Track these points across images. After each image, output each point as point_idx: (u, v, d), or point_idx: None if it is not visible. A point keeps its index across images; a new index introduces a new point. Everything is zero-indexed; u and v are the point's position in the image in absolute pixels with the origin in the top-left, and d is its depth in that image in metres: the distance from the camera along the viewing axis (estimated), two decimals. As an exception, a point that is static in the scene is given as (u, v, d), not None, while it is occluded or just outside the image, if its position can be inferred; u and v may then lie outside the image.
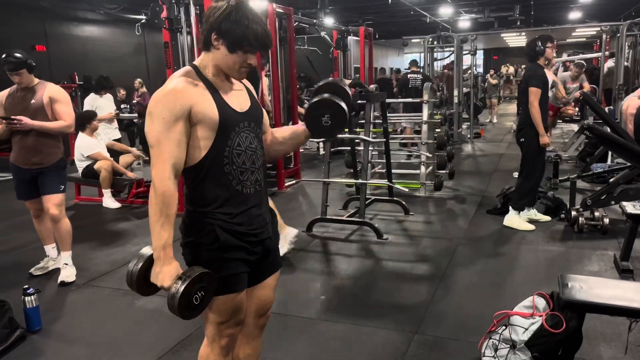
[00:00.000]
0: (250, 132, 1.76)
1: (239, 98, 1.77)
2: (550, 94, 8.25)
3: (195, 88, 1.66)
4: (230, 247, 1.72)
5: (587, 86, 8.88)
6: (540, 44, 4.61)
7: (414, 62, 10.01)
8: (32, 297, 3.04)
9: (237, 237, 1.73)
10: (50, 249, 4.00)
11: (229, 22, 1.63)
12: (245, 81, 1.86)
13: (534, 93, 4.54)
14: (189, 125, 1.64)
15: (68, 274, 3.79)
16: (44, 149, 3.64)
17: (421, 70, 10.27)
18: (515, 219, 4.80)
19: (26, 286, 3.17)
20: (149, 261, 1.68)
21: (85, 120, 6.13)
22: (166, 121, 1.60)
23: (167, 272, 1.63)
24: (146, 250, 1.71)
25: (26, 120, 3.53)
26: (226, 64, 1.69)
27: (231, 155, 1.70)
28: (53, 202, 3.68)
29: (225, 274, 1.72)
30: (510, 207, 4.87)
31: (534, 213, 4.91)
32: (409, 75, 9.76)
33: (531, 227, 4.72)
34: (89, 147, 6.10)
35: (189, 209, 1.74)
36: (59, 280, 3.74)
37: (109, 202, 6.07)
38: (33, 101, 3.58)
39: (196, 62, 1.75)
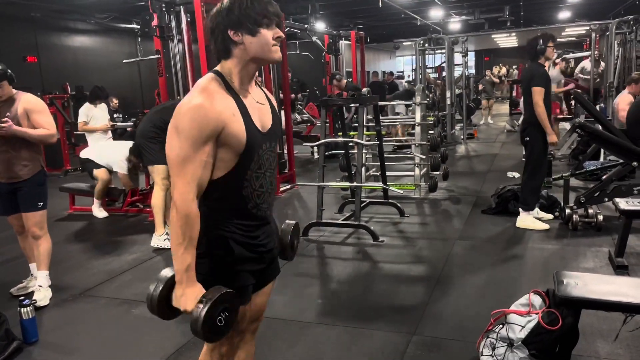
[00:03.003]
0: (271, 152, 1.71)
1: (262, 114, 1.68)
2: None
3: (226, 105, 1.55)
4: (243, 259, 1.68)
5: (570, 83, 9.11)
6: (541, 42, 4.60)
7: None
8: (28, 308, 3.02)
9: (250, 249, 1.70)
10: (34, 268, 3.79)
11: (236, 14, 1.56)
12: (269, 93, 1.81)
13: (538, 92, 4.50)
14: (216, 147, 1.55)
15: (41, 297, 3.58)
16: (21, 161, 3.48)
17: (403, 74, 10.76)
18: (528, 220, 4.73)
19: (22, 297, 3.16)
20: (170, 284, 1.59)
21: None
22: (195, 141, 1.49)
23: (191, 295, 1.54)
24: (165, 273, 1.62)
25: (10, 123, 3.33)
26: (258, 49, 1.58)
27: (251, 179, 1.64)
28: (32, 221, 3.55)
29: (235, 285, 1.67)
30: (520, 209, 4.79)
31: (536, 212, 4.89)
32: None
33: (546, 226, 4.66)
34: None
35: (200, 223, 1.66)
36: (32, 299, 3.53)
37: (97, 211, 6.05)
38: (8, 113, 3.43)
39: (219, 69, 1.63)
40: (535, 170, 4.70)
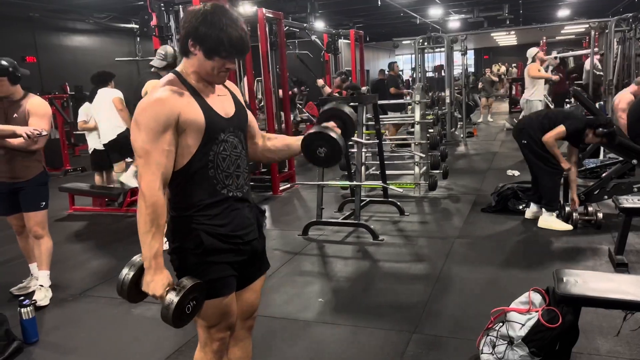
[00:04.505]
0: (235, 137, 1.77)
1: (223, 103, 1.77)
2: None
3: (181, 96, 1.65)
4: (215, 250, 1.72)
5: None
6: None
7: (389, 66, 11.05)
8: (28, 308, 3.02)
9: (223, 240, 1.73)
10: (34, 268, 3.78)
11: (204, 28, 1.62)
12: (229, 84, 1.86)
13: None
14: (176, 135, 1.64)
15: (42, 296, 3.58)
16: (23, 161, 3.46)
17: (389, 73, 11.07)
18: (550, 220, 4.62)
19: (22, 297, 3.16)
20: (141, 269, 1.70)
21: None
22: (154, 131, 1.59)
23: (159, 281, 1.65)
24: (137, 259, 1.73)
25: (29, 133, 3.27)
26: (204, 69, 1.68)
27: (216, 159, 1.71)
28: (34, 220, 3.54)
29: (212, 277, 1.72)
30: (543, 210, 4.69)
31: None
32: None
33: (569, 226, 4.54)
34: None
35: (173, 214, 1.75)
36: (32, 299, 3.51)
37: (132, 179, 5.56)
38: (15, 115, 3.42)
39: (178, 69, 1.74)
40: (551, 167, 4.58)
